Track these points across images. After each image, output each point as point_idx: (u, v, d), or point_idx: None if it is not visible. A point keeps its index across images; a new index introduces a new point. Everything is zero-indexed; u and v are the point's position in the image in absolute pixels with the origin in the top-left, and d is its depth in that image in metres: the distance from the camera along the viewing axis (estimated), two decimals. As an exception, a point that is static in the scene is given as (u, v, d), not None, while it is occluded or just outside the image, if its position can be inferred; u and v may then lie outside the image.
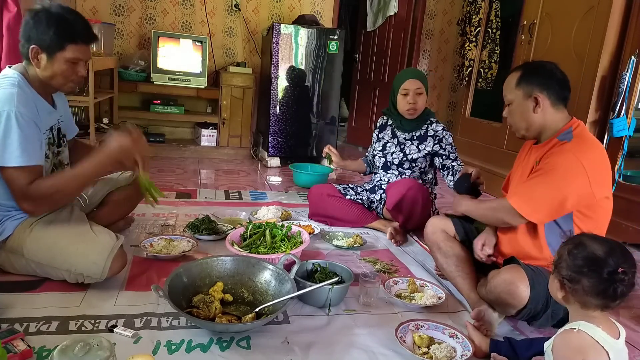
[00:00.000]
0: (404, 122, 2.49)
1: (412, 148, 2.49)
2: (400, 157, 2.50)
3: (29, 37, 1.51)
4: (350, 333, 1.50)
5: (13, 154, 1.44)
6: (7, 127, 1.43)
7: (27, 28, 1.51)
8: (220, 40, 4.41)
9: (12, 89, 1.48)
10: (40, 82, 1.58)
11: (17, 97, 1.46)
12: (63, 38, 1.51)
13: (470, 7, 4.23)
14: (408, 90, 2.39)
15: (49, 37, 1.49)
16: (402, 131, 2.52)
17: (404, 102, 2.41)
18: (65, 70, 1.55)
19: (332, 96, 4.17)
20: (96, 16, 3.98)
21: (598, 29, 2.85)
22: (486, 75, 4.24)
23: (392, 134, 2.57)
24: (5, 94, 1.46)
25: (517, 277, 1.47)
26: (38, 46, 1.50)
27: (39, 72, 1.55)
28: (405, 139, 2.52)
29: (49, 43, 1.50)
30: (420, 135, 2.48)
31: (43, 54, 1.52)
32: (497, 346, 1.41)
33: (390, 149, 2.55)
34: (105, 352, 1.01)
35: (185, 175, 3.50)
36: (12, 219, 1.58)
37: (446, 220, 1.95)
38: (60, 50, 1.52)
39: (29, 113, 1.48)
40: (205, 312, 1.43)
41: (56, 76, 1.56)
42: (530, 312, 1.47)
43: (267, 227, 1.95)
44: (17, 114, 1.44)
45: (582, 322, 1.07)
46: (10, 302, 1.47)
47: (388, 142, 2.57)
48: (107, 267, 1.54)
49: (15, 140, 1.43)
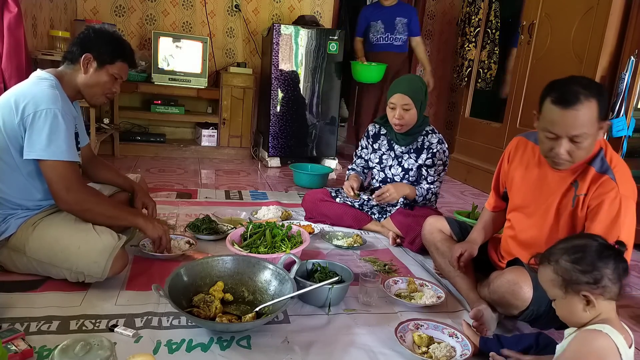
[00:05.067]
0: (399, 136, 2.38)
1: (410, 162, 2.40)
2: (400, 173, 2.42)
3: (86, 45, 1.67)
4: (350, 332, 1.51)
5: (61, 149, 1.53)
6: (55, 124, 1.52)
7: (86, 38, 1.69)
8: (220, 41, 4.41)
9: (53, 90, 1.58)
10: (74, 88, 1.70)
11: (60, 99, 1.57)
12: (116, 54, 1.70)
13: (469, 8, 4.23)
14: (395, 105, 2.25)
15: (105, 50, 1.68)
16: (398, 144, 2.42)
17: (391, 115, 2.29)
18: (107, 83, 1.72)
19: (332, 96, 4.18)
20: (97, 17, 3.99)
21: (597, 29, 2.85)
22: (485, 76, 4.24)
23: (388, 146, 2.46)
24: (49, 93, 1.55)
25: (520, 278, 1.47)
26: (92, 55, 1.66)
27: (83, 78, 1.69)
28: (402, 152, 2.42)
29: (103, 55, 1.68)
30: (417, 148, 2.38)
31: (94, 63, 1.68)
32: (487, 343, 1.42)
33: (387, 162, 2.46)
34: (105, 351, 1.01)
35: (185, 175, 3.51)
36: (16, 217, 1.60)
37: (442, 220, 1.96)
38: (110, 63, 1.70)
39: (69, 115, 1.59)
40: (206, 312, 1.43)
41: (97, 86, 1.71)
42: (533, 314, 1.48)
43: (268, 227, 1.95)
44: (63, 113, 1.54)
45: (607, 326, 1.07)
46: (11, 302, 1.47)
47: (384, 155, 2.47)
48: (108, 266, 1.55)
49: (62, 136, 1.54)
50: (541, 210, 1.55)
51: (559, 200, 1.50)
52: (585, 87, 1.30)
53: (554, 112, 1.33)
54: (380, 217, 2.50)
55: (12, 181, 1.59)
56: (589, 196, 1.43)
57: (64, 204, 1.58)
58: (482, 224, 1.83)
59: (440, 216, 2.03)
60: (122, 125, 4.12)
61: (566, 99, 1.30)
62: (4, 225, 1.58)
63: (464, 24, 4.31)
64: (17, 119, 1.51)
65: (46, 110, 1.51)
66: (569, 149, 1.36)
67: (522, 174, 1.63)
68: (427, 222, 1.99)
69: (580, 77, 1.36)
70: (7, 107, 1.54)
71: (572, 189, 1.48)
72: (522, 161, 1.64)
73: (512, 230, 1.68)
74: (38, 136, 1.50)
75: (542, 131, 1.39)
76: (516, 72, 3.56)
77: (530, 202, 1.59)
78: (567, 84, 1.34)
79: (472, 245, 1.74)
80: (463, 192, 3.77)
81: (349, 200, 2.53)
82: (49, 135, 1.50)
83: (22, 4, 2.57)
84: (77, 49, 1.68)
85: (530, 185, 1.59)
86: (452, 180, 4.14)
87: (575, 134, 1.32)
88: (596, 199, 1.42)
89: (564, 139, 1.35)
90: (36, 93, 1.54)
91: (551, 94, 1.35)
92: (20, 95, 1.54)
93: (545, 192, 1.54)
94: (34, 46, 2.97)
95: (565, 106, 1.31)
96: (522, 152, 1.65)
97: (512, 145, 1.70)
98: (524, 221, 1.62)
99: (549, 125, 1.36)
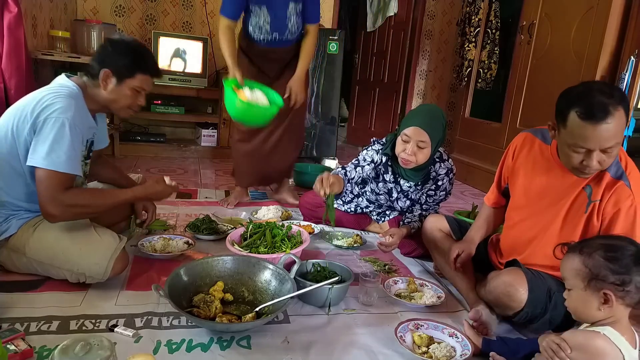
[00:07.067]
0: (409, 172, 2.13)
1: (418, 194, 2.22)
2: (407, 204, 2.26)
3: (103, 61, 1.62)
4: (350, 332, 1.51)
5: (60, 159, 1.48)
6: (61, 133, 1.48)
7: (104, 52, 1.65)
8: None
9: (70, 99, 1.54)
10: (98, 102, 1.67)
11: (74, 108, 1.53)
12: (135, 67, 1.65)
13: (469, 8, 4.23)
14: (409, 139, 1.97)
15: (122, 64, 1.63)
16: (405, 179, 2.18)
17: (400, 147, 2.01)
18: (129, 97, 1.68)
19: (332, 96, 4.18)
20: (97, 17, 3.99)
21: (597, 29, 2.85)
22: (485, 76, 4.24)
23: (394, 180, 2.20)
24: (64, 102, 1.52)
25: (516, 280, 1.47)
26: (110, 70, 1.62)
27: (104, 94, 1.65)
28: (409, 187, 2.20)
29: (122, 69, 1.63)
30: (423, 179, 2.18)
31: (113, 78, 1.63)
32: (490, 345, 1.42)
33: (394, 195, 2.25)
34: (105, 351, 1.01)
35: (185, 175, 3.51)
36: (17, 218, 1.60)
37: (442, 219, 1.95)
38: (129, 77, 1.65)
39: (80, 126, 1.56)
40: (206, 312, 1.43)
41: (119, 101, 1.67)
42: (527, 315, 1.48)
43: (268, 227, 1.95)
44: (72, 124, 1.50)
45: (608, 327, 1.07)
46: (11, 302, 1.47)
47: (392, 189, 2.24)
48: (109, 268, 1.56)
49: (64, 147, 1.48)
50: (548, 213, 1.53)
51: (569, 205, 1.47)
52: (610, 96, 1.25)
53: (585, 128, 1.27)
54: (379, 219, 2.49)
55: (17, 185, 1.58)
56: (604, 202, 1.41)
57: (50, 213, 1.48)
58: (480, 221, 1.82)
59: (440, 215, 2.02)
60: (122, 125, 4.12)
61: (596, 114, 1.24)
62: (5, 225, 1.58)
63: (464, 24, 4.31)
64: (29, 124, 1.49)
65: (55, 118, 1.48)
66: (600, 159, 1.32)
67: (527, 172, 1.59)
68: (427, 221, 1.99)
69: (599, 84, 1.30)
70: (22, 111, 1.53)
71: (583, 193, 1.45)
72: (528, 158, 1.60)
73: (513, 230, 1.66)
74: (42, 144, 1.47)
75: (570, 146, 1.33)
76: (516, 72, 3.56)
77: (536, 203, 1.56)
78: (590, 94, 1.26)
79: (469, 245, 1.73)
80: (463, 192, 3.77)
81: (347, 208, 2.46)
82: (51, 144, 1.47)
83: (22, 4, 2.57)
84: (95, 65, 1.63)
85: (537, 186, 1.56)
86: (452, 180, 4.14)
87: (609, 146, 1.29)
88: (612, 207, 1.39)
89: (595, 152, 1.30)
90: (51, 100, 1.51)
91: (576, 108, 1.27)
92: (37, 100, 1.52)
93: (554, 195, 1.51)
94: (34, 46, 2.97)
95: (597, 121, 1.24)
96: (529, 149, 1.60)
97: (518, 140, 1.66)
98: (527, 221, 1.60)
99: (580, 140, 1.29)
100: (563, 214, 1.49)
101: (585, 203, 1.44)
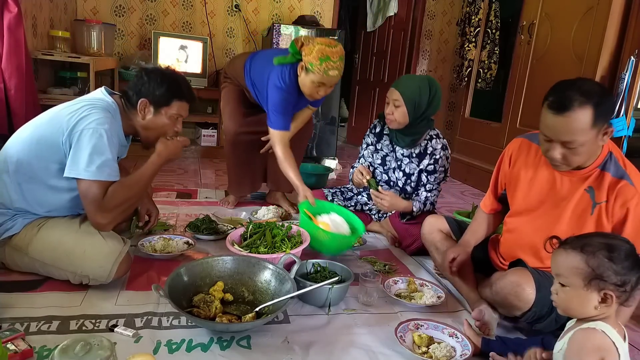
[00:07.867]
0: (398, 136, 2.27)
1: (412, 166, 2.30)
2: (402, 178, 2.33)
3: (140, 91, 1.65)
4: (350, 332, 1.51)
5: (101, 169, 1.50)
6: (100, 143, 1.50)
7: (140, 82, 1.66)
8: (220, 41, 4.41)
9: (106, 112, 1.57)
10: (132, 126, 1.70)
11: (110, 121, 1.57)
12: (171, 95, 1.67)
13: (469, 8, 4.23)
14: (388, 99, 2.18)
15: (159, 93, 1.65)
16: (398, 145, 2.32)
17: (386, 109, 2.21)
18: (166, 125, 1.71)
19: (332, 96, 4.17)
20: (97, 17, 3.99)
21: (597, 29, 2.85)
22: (485, 76, 4.24)
23: (391, 147, 2.35)
24: (101, 114, 1.55)
25: (523, 280, 1.47)
26: (148, 100, 1.65)
27: (140, 121, 1.68)
28: (403, 155, 2.31)
29: (159, 98, 1.66)
30: (420, 153, 2.28)
31: (151, 107, 1.67)
32: (490, 345, 1.42)
33: (390, 164, 2.36)
34: (105, 351, 1.01)
35: (185, 175, 3.51)
36: (23, 217, 1.60)
37: (442, 219, 1.95)
38: (166, 105, 1.68)
39: (115, 139, 1.58)
40: (206, 312, 1.43)
41: (156, 129, 1.70)
42: (535, 315, 1.48)
43: (268, 227, 1.95)
44: (109, 135, 1.53)
45: (600, 322, 1.07)
46: (11, 302, 1.47)
47: (387, 156, 2.37)
48: (114, 270, 1.56)
49: (104, 157, 1.51)
50: (550, 215, 1.52)
51: (573, 207, 1.47)
52: (584, 93, 1.27)
53: (547, 116, 1.33)
54: (379, 217, 2.49)
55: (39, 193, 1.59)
56: (611, 203, 1.41)
57: (102, 224, 1.55)
58: (475, 225, 1.80)
59: (440, 216, 2.02)
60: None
61: (559, 105, 1.29)
62: (11, 222, 1.59)
63: (464, 24, 4.31)
64: (66, 134, 1.51)
65: (93, 130, 1.50)
66: (563, 153, 1.36)
67: (527, 177, 1.58)
68: (426, 221, 1.98)
69: (584, 81, 1.32)
70: (58, 120, 1.54)
71: (586, 196, 1.44)
72: (526, 163, 1.59)
73: (514, 234, 1.65)
74: (82, 155, 1.49)
75: (540, 133, 1.40)
76: (516, 72, 3.56)
77: (537, 206, 1.55)
78: (566, 88, 1.31)
79: (464, 249, 1.73)
80: (463, 192, 3.77)
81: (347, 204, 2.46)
82: (90, 155, 1.49)
83: (22, 4, 2.57)
84: (133, 94, 1.66)
85: (537, 189, 1.55)
86: (452, 180, 4.14)
87: (566, 140, 1.32)
88: (620, 208, 1.39)
89: (556, 144, 1.35)
90: (87, 111, 1.53)
91: (549, 97, 1.33)
92: (72, 111, 1.54)
93: (555, 197, 1.51)
94: (34, 46, 2.97)
95: (557, 112, 1.30)
96: (526, 154, 1.60)
97: (513, 146, 1.66)
98: (529, 224, 1.58)
99: (543, 128, 1.37)
100: (567, 217, 1.48)
101: (590, 205, 1.44)
